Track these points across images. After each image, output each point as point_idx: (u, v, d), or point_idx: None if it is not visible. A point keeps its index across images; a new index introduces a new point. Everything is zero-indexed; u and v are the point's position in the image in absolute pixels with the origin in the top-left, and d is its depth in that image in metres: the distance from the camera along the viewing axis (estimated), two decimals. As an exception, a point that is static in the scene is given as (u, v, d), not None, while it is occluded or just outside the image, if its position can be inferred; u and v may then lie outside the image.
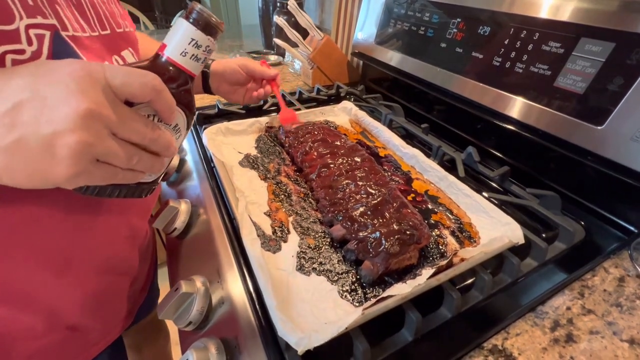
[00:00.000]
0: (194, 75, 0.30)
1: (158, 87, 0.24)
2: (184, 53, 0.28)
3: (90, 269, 0.39)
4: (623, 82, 0.42)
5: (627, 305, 0.37)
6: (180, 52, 0.28)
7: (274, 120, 0.65)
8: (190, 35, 0.28)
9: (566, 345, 0.33)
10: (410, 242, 0.37)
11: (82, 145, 0.20)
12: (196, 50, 0.28)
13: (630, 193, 0.45)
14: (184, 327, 0.37)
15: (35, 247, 0.33)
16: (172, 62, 0.28)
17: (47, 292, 0.35)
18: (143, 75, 0.23)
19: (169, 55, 0.28)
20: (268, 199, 0.47)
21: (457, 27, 0.63)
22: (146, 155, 0.25)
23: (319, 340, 0.28)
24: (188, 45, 0.28)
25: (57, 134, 0.20)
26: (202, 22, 0.28)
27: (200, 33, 0.28)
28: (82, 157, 0.21)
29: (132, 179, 0.26)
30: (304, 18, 0.86)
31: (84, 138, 0.20)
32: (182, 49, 0.28)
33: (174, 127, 0.29)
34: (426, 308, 0.34)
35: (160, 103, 0.25)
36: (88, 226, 0.37)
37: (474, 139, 0.66)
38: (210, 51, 0.30)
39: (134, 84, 0.23)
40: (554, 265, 0.41)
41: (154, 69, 0.27)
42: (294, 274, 0.37)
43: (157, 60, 0.28)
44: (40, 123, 0.20)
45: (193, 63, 0.29)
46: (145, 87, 0.23)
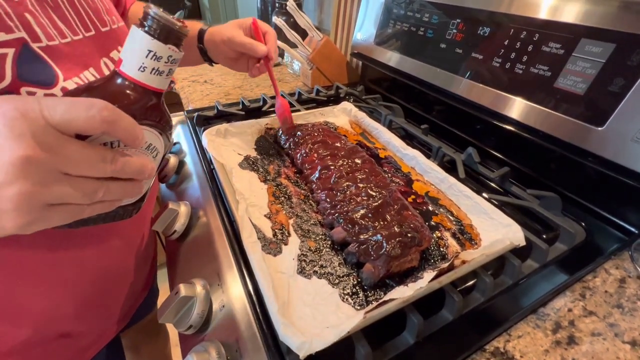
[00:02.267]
0: (160, 90, 0.26)
1: (109, 118, 0.21)
2: (142, 68, 0.24)
3: (83, 280, 0.38)
4: (623, 83, 0.42)
5: (629, 307, 0.37)
6: (138, 67, 0.24)
7: (274, 122, 0.65)
8: (146, 47, 0.24)
9: (568, 347, 0.33)
10: (411, 244, 0.37)
11: (23, 196, 0.19)
12: (156, 63, 0.24)
13: (631, 194, 0.45)
14: (185, 330, 0.37)
15: (26, 263, 0.32)
16: (130, 80, 0.24)
17: (40, 305, 0.35)
18: (88, 108, 0.20)
19: (126, 72, 0.24)
20: (268, 201, 0.47)
21: (456, 28, 0.63)
22: (115, 185, 0.23)
23: (320, 344, 0.27)
24: (145, 58, 0.24)
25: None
26: (159, 29, 0.24)
27: (157, 43, 0.24)
28: (29, 207, 0.20)
29: (106, 209, 0.24)
30: (303, 19, 0.86)
31: (25, 189, 0.19)
32: (139, 64, 0.24)
33: (147, 147, 0.26)
34: (428, 311, 0.34)
35: (117, 133, 0.22)
36: (78, 241, 0.36)
37: (474, 140, 0.66)
38: (175, 61, 0.26)
39: (78, 119, 0.20)
40: (555, 266, 0.41)
41: (111, 90, 0.24)
42: (294, 277, 0.37)
43: (114, 79, 0.25)
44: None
45: (155, 78, 0.25)
46: (93, 120, 0.20)
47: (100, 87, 0.25)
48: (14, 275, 0.32)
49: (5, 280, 0.32)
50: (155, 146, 0.27)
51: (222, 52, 0.53)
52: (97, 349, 0.44)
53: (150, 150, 0.27)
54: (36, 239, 0.31)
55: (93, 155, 0.21)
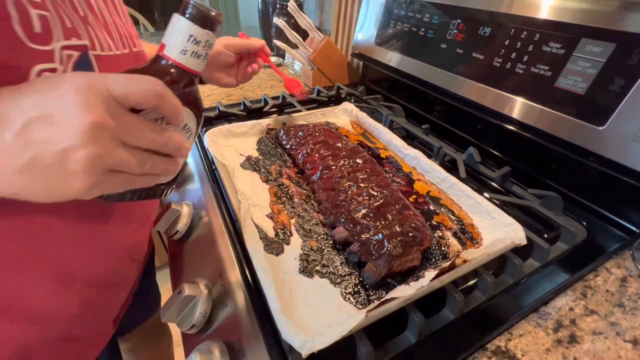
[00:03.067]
0: (197, 72, 0.29)
1: (160, 93, 0.24)
2: (184, 51, 0.27)
3: (90, 281, 0.38)
4: (624, 83, 0.42)
5: (630, 306, 0.38)
6: (180, 50, 0.27)
7: (275, 122, 0.65)
8: (187, 32, 0.27)
9: (569, 346, 0.33)
10: (412, 243, 0.37)
11: (92, 158, 0.21)
12: (196, 47, 0.27)
13: (632, 193, 0.45)
14: (187, 330, 0.37)
15: (43, 257, 0.33)
16: (173, 62, 0.27)
17: (46, 304, 0.35)
18: (144, 82, 0.23)
19: (169, 55, 0.27)
20: (270, 201, 0.47)
21: (457, 28, 0.63)
22: (159, 159, 0.26)
23: (322, 343, 0.28)
24: (187, 42, 0.27)
25: (67, 150, 0.21)
26: (199, 16, 0.27)
27: (198, 28, 0.27)
28: (95, 170, 0.22)
29: (149, 183, 0.26)
30: (304, 19, 0.87)
31: (93, 151, 0.21)
32: (181, 47, 0.27)
33: (183, 127, 0.29)
34: (429, 310, 0.34)
35: (165, 108, 0.25)
36: (95, 236, 0.37)
37: (474, 140, 0.66)
38: (211, 45, 0.29)
39: (136, 93, 0.23)
40: (556, 265, 0.42)
41: (156, 71, 0.27)
42: (297, 276, 0.37)
43: (158, 61, 0.28)
44: (50, 141, 0.20)
45: (194, 60, 0.28)
46: (148, 94, 0.23)
47: (146, 68, 0.27)
48: (32, 271, 0.33)
49: (23, 275, 0.32)
50: (189, 127, 0.30)
51: (224, 58, 0.56)
52: (96, 354, 0.44)
53: (186, 131, 0.29)
54: (62, 227, 0.33)
55: (146, 127, 0.24)
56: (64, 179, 0.21)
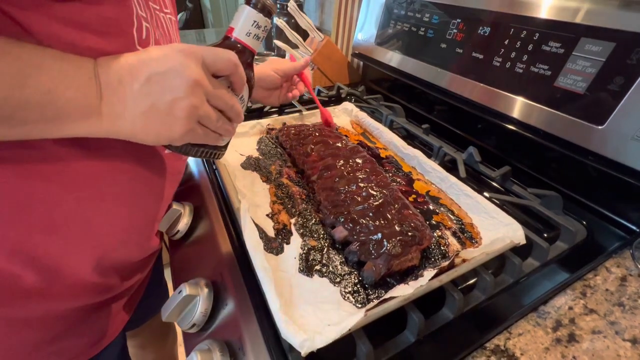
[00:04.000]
0: (256, 52, 0.35)
1: (237, 63, 0.30)
2: (248, 33, 0.33)
3: (117, 259, 0.40)
4: (623, 82, 0.42)
5: (629, 305, 0.38)
6: (245, 32, 0.33)
7: (275, 122, 0.66)
8: (252, 18, 0.33)
9: (568, 345, 0.34)
10: (412, 243, 0.37)
11: (192, 107, 0.27)
12: (257, 30, 0.34)
13: (632, 192, 0.45)
14: (188, 329, 0.37)
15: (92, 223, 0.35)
16: (239, 42, 0.34)
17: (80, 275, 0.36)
18: (227, 53, 0.29)
19: (237, 36, 0.33)
20: (270, 201, 0.47)
21: (457, 28, 0.63)
22: (225, 120, 0.31)
23: (322, 341, 0.28)
24: (251, 26, 0.33)
25: (176, 99, 0.26)
26: (261, 5, 0.33)
27: (260, 15, 0.33)
28: (191, 118, 0.28)
29: (215, 141, 0.32)
30: (304, 19, 0.87)
31: (193, 102, 0.27)
32: (247, 30, 0.33)
33: (240, 97, 0.34)
34: (428, 309, 0.35)
35: (236, 76, 0.31)
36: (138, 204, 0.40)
37: (474, 139, 0.66)
38: (267, 30, 0.35)
39: (221, 61, 0.29)
40: (556, 265, 0.42)
41: (228, 48, 0.32)
42: (296, 275, 0.37)
43: (227, 41, 0.34)
44: (165, 91, 0.26)
45: (255, 41, 0.34)
46: (229, 63, 0.29)
47: (220, 45, 0.33)
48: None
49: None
50: (244, 98, 0.35)
51: (271, 81, 0.59)
52: (104, 344, 0.45)
53: (241, 101, 0.34)
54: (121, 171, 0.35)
55: (224, 90, 0.30)
56: (170, 123, 0.27)
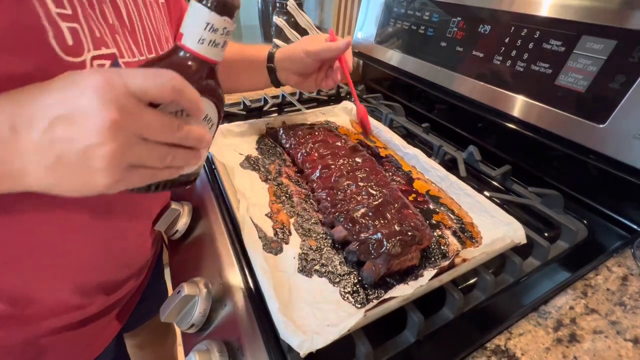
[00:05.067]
0: (216, 62, 0.28)
1: (178, 86, 0.23)
2: (201, 40, 0.26)
3: (99, 276, 0.40)
4: (625, 80, 0.41)
5: (631, 304, 0.37)
6: (197, 39, 0.26)
7: (275, 121, 0.65)
8: (204, 20, 0.26)
9: (569, 345, 0.33)
10: (411, 243, 0.37)
11: (113, 156, 0.21)
12: (213, 35, 0.27)
13: (633, 191, 0.45)
14: (187, 329, 0.37)
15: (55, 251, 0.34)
16: (190, 53, 0.27)
17: (55, 297, 0.36)
18: (161, 77, 0.23)
19: (187, 45, 0.27)
20: (269, 201, 0.47)
21: (457, 26, 0.63)
22: (181, 152, 0.26)
23: (321, 342, 0.28)
24: (204, 31, 0.26)
25: (89, 148, 0.21)
26: (216, 2, 0.26)
27: (215, 15, 0.26)
28: (117, 166, 0.22)
29: (172, 175, 0.27)
30: (304, 18, 0.86)
31: (114, 149, 0.21)
32: (199, 37, 0.26)
33: (204, 118, 0.29)
34: (428, 309, 0.34)
35: (183, 101, 0.25)
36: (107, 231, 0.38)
37: (475, 138, 0.65)
38: (229, 33, 0.28)
39: (153, 88, 0.23)
40: (557, 264, 0.41)
41: (174, 63, 0.27)
42: (295, 275, 0.37)
43: (176, 52, 0.27)
44: (73, 139, 0.21)
45: (212, 49, 0.27)
46: (164, 88, 0.23)
47: (164, 60, 0.27)
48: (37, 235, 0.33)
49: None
50: (210, 117, 0.30)
51: (303, 65, 0.53)
52: (101, 347, 0.45)
53: (207, 122, 0.29)
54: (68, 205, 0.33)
55: (165, 122, 0.24)
56: (89, 176, 0.22)
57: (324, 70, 0.54)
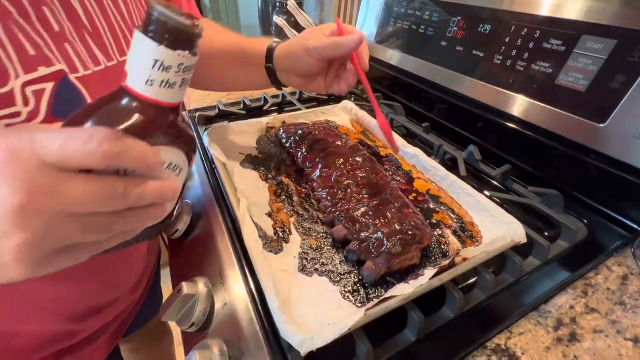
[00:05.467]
0: (174, 105, 0.22)
1: (111, 152, 0.18)
2: (150, 82, 0.20)
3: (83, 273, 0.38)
4: (625, 80, 0.41)
5: (631, 304, 0.37)
6: (145, 81, 0.20)
7: (275, 121, 0.65)
8: (152, 56, 0.20)
9: (570, 344, 0.33)
10: (412, 242, 0.37)
11: (24, 247, 0.17)
12: (165, 75, 0.20)
13: (634, 191, 0.45)
14: (187, 328, 0.37)
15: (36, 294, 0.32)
16: (138, 97, 0.21)
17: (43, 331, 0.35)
18: (86, 142, 0.17)
19: (132, 87, 0.21)
20: (269, 200, 0.47)
21: (457, 26, 0.63)
22: (134, 215, 0.21)
23: (321, 341, 0.28)
24: (152, 70, 0.20)
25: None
26: (165, 32, 0.19)
27: (164, 50, 0.20)
28: (31, 258, 0.18)
29: (127, 238, 0.22)
30: (304, 18, 0.86)
31: (24, 239, 0.17)
32: (146, 77, 0.20)
33: (167, 166, 0.23)
34: (429, 308, 0.34)
35: (126, 164, 0.19)
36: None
37: (475, 138, 0.65)
38: (189, 68, 0.22)
39: (75, 156, 0.17)
40: (557, 264, 0.41)
41: (118, 110, 0.21)
42: (296, 275, 0.37)
43: (121, 96, 0.21)
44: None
45: (166, 91, 0.21)
46: (92, 156, 0.17)
47: (106, 107, 0.21)
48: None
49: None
50: (176, 164, 0.24)
51: (305, 66, 0.43)
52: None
53: (172, 169, 0.24)
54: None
55: (101, 191, 0.18)
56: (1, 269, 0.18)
57: (334, 69, 0.45)
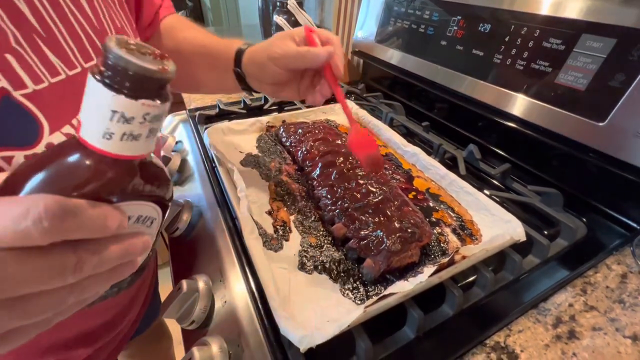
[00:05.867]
0: (140, 157, 0.18)
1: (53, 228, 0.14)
2: (108, 135, 0.16)
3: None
4: (625, 78, 0.41)
5: (630, 302, 0.37)
6: (102, 134, 0.16)
7: (274, 120, 0.65)
8: (109, 107, 0.16)
9: (568, 341, 0.33)
10: (411, 240, 0.37)
11: None
12: (127, 127, 0.16)
13: (633, 189, 0.45)
14: (187, 326, 0.37)
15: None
16: (94, 152, 0.17)
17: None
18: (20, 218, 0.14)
19: (88, 140, 0.16)
20: (270, 198, 0.47)
21: (457, 25, 0.63)
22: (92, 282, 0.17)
23: (321, 337, 0.28)
24: (110, 122, 0.16)
25: None
26: (125, 80, 0.16)
27: (125, 100, 0.16)
28: None
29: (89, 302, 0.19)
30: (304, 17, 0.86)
31: None
32: (103, 130, 0.16)
33: (135, 221, 0.19)
34: (428, 306, 0.34)
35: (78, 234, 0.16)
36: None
37: (475, 137, 0.66)
38: (157, 117, 0.17)
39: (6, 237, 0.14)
40: (556, 262, 0.41)
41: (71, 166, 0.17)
42: (295, 272, 0.37)
43: (73, 151, 0.17)
44: None
45: (129, 144, 0.17)
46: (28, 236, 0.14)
47: (55, 162, 0.17)
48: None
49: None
50: (147, 216, 0.20)
51: (271, 74, 0.39)
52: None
53: (142, 222, 0.20)
54: None
55: (47, 269, 0.15)
56: None
57: (308, 77, 0.41)
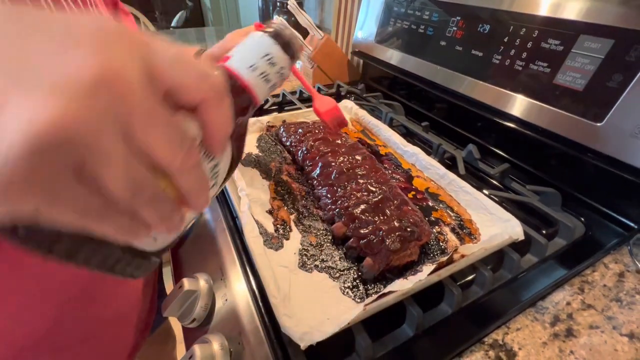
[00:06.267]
0: (258, 100, 0.22)
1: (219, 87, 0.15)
2: (253, 67, 0.21)
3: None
4: (622, 79, 0.42)
5: (627, 300, 0.38)
6: (249, 65, 0.21)
7: (275, 120, 0.66)
8: (266, 49, 0.21)
9: (566, 339, 0.34)
10: (411, 239, 0.37)
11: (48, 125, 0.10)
12: (269, 68, 0.21)
13: (630, 189, 0.45)
14: (188, 324, 0.38)
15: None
16: (235, 77, 0.20)
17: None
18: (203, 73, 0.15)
19: (233, 66, 0.20)
20: (270, 198, 0.48)
21: (456, 26, 0.63)
22: (164, 196, 0.15)
23: (321, 335, 0.28)
24: (261, 59, 0.21)
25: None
26: (284, 37, 0.22)
27: (278, 48, 0.22)
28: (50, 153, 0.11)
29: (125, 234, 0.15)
30: (304, 17, 0.87)
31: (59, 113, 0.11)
32: (252, 62, 0.21)
33: (213, 166, 0.19)
34: (427, 304, 0.35)
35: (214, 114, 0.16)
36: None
37: (474, 137, 0.66)
38: (283, 75, 0.23)
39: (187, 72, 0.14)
40: (554, 261, 0.42)
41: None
42: (296, 271, 0.37)
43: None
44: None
45: (261, 83, 0.21)
46: (203, 80, 0.15)
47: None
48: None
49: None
50: (218, 171, 0.20)
51: None
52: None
53: (213, 175, 0.20)
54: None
55: (175, 126, 0.14)
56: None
57: None
